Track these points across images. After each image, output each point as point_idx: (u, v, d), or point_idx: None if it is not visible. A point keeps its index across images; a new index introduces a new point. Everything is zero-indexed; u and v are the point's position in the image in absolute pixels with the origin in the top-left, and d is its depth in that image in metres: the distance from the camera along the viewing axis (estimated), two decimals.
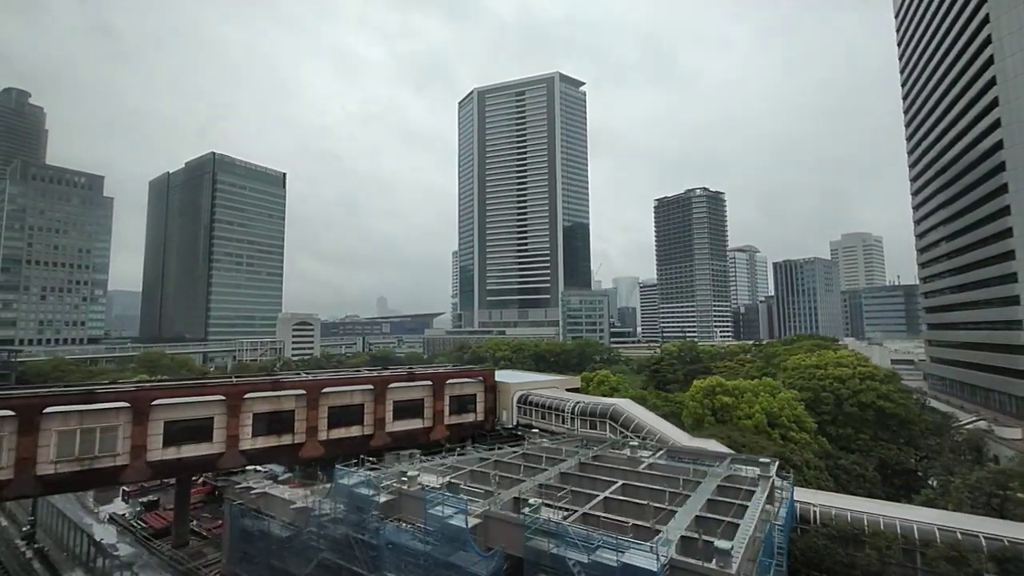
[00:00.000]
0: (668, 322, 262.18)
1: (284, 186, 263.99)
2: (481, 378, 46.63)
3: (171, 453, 32.61)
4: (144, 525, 40.76)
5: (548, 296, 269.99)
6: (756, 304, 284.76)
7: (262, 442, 35.69)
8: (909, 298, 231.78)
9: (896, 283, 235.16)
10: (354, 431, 39.57)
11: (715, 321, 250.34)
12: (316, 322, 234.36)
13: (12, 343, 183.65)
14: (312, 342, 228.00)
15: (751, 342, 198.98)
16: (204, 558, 35.58)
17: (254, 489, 31.08)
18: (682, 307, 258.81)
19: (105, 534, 39.45)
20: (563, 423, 39.85)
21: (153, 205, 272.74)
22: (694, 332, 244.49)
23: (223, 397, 34.31)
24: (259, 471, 43.45)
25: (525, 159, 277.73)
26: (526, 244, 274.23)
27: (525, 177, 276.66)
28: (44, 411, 28.97)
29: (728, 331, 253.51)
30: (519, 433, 43.48)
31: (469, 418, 45.48)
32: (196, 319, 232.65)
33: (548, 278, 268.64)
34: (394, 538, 21.78)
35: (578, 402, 40.30)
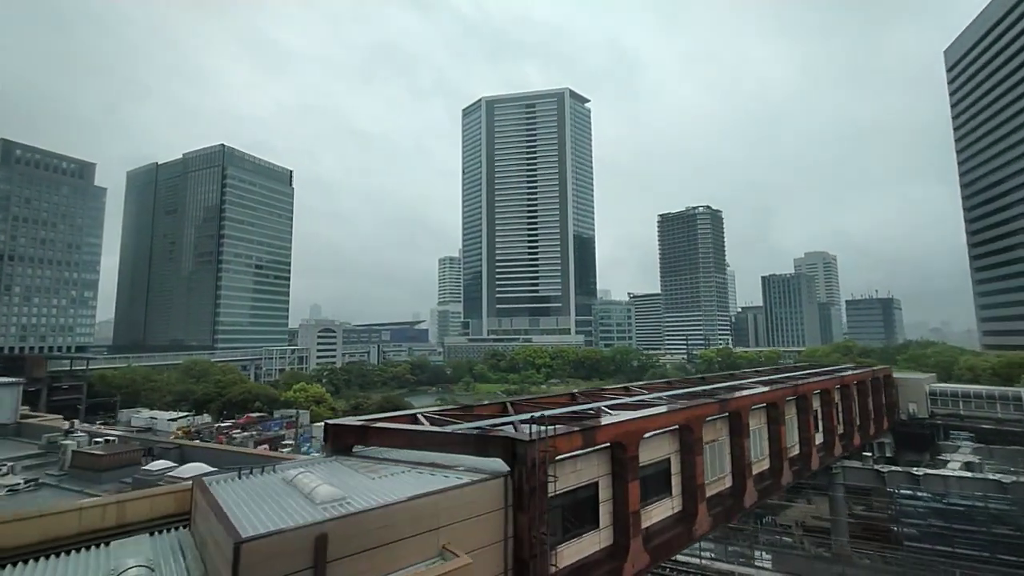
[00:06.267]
0: (673, 331, 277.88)
1: (291, 183, 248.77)
2: (882, 376, 51.35)
3: None
4: None
5: (560, 305, 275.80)
6: (746, 315, 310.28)
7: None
8: (886, 309, 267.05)
9: (874, 296, 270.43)
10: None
11: (719, 330, 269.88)
12: (339, 329, 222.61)
13: None
14: (335, 350, 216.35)
15: (800, 350, 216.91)
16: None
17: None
18: (688, 316, 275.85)
19: None
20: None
21: (135, 198, 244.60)
22: (700, 340, 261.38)
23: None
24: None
25: (535, 170, 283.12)
26: (536, 253, 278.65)
27: (535, 187, 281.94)
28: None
29: (728, 339, 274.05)
30: (939, 422, 48.73)
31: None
32: (201, 325, 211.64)
33: (559, 287, 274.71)
34: None
35: None
